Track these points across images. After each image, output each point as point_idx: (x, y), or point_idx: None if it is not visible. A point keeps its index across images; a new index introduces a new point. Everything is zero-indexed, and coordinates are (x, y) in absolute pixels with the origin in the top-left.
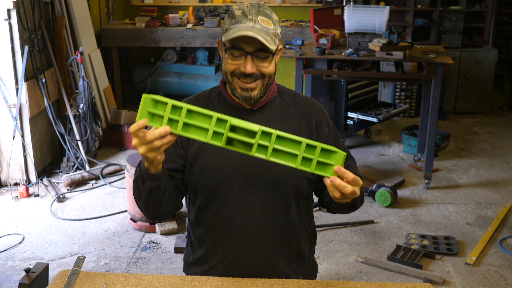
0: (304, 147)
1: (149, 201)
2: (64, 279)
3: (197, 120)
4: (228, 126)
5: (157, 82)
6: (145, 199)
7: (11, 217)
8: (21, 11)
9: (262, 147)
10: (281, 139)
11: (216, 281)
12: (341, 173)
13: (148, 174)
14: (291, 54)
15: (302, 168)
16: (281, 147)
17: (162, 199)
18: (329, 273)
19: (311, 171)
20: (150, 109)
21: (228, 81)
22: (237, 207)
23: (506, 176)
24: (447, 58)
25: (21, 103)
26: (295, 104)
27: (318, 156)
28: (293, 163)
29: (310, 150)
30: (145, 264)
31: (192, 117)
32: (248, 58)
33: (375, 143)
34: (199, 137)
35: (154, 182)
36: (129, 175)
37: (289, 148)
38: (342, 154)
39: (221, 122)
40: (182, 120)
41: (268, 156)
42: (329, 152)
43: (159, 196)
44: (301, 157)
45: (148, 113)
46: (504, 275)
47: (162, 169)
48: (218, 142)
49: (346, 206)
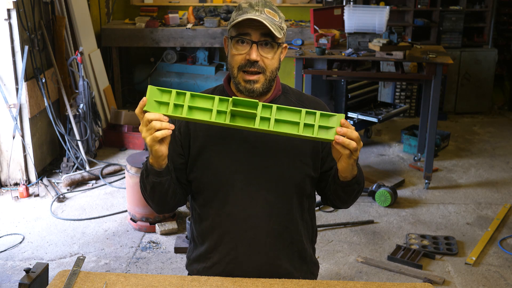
0: (304, 114)
1: (153, 194)
2: (64, 279)
3: (201, 103)
4: (231, 102)
5: (157, 82)
6: (149, 192)
7: (11, 217)
8: (21, 11)
9: (264, 120)
10: (281, 110)
11: (216, 281)
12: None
13: (152, 170)
14: (291, 54)
15: (305, 134)
16: (282, 117)
17: (166, 194)
18: (329, 273)
19: (315, 136)
20: (156, 98)
21: (233, 75)
22: (240, 204)
23: (506, 176)
24: (447, 58)
25: (21, 103)
26: (299, 102)
27: (318, 121)
28: (295, 130)
29: (310, 117)
30: (145, 264)
31: (196, 101)
32: (253, 46)
33: (375, 143)
34: (204, 117)
35: (157, 178)
36: (129, 175)
37: (289, 117)
38: (341, 115)
39: (223, 101)
40: (187, 104)
41: (271, 126)
42: (329, 116)
43: (163, 191)
44: (303, 124)
45: (155, 102)
46: (504, 275)
47: (166, 166)
48: (222, 120)
49: (351, 185)
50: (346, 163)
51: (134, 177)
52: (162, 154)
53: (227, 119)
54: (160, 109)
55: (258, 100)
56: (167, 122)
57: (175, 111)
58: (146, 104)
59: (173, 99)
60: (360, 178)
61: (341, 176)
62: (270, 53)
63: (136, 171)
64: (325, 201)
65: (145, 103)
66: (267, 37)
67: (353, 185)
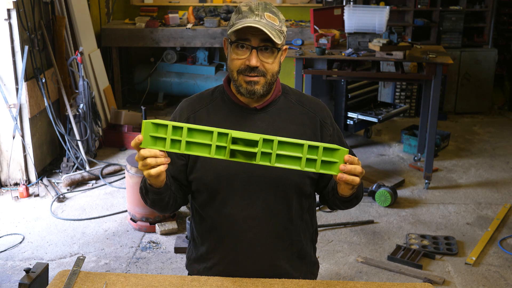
0: (307, 148)
1: (154, 206)
2: (64, 279)
3: (199, 137)
4: (230, 139)
5: (157, 82)
6: (150, 205)
7: (11, 217)
8: (21, 11)
9: (265, 154)
10: (283, 144)
11: (216, 281)
12: (348, 168)
13: (151, 189)
14: (291, 54)
15: (307, 169)
16: (284, 152)
17: (167, 205)
18: (329, 273)
19: (317, 171)
20: (152, 133)
21: (233, 79)
22: (239, 205)
23: (506, 176)
24: (447, 58)
25: (21, 103)
26: (299, 103)
27: (321, 155)
28: (298, 165)
29: (313, 151)
30: (145, 264)
31: (194, 135)
32: (253, 52)
33: (375, 143)
34: (203, 153)
35: (157, 195)
36: (129, 175)
37: (292, 152)
38: (345, 150)
39: (222, 135)
40: (184, 139)
41: (273, 162)
42: (332, 150)
43: (163, 204)
44: (305, 158)
45: (150, 138)
46: (504, 275)
47: (164, 184)
48: (222, 156)
49: (350, 200)
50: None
51: (134, 177)
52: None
53: (226, 155)
54: (157, 144)
55: (258, 100)
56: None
57: (172, 147)
58: (142, 141)
59: (170, 134)
60: (360, 192)
61: (340, 192)
62: (270, 58)
63: (136, 171)
64: (323, 202)
65: (141, 141)
66: (267, 43)
67: (351, 200)
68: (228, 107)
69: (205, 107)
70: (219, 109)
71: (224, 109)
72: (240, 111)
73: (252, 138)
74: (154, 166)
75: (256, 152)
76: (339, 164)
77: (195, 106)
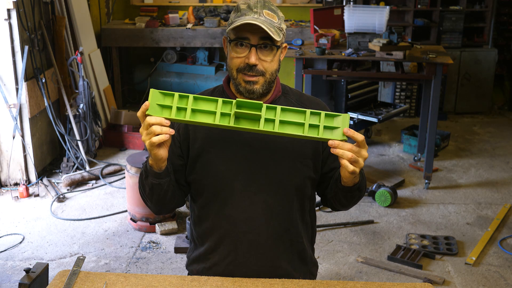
0: (309, 115)
1: (152, 195)
2: (64, 279)
3: (204, 106)
4: (234, 104)
5: (157, 82)
6: (148, 193)
7: (11, 217)
8: (21, 11)
9: (268, 122)
10: (285, 111)
11: (216, 281)
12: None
13: (151, 171)
14: (291, 54)
15: (310, 134)
16: (286, 119)
17: (165, 195)
18: (329, 273)
19: (320, 136)
20: (159, 102)
21: (233, 77)
22: (240, 206)
23: (506, 176)
24: (447, 58)
25: (21, 103)
26: (299, 103)
27: (323, 121)
28: (300, 131)
29: (315, 117)
30: (145, 264)
31: (199, 104)
32: (252, 50)
33: (375, 143)
34: (208, 120)
35: (156, 180)
36: (129, 175)
37: (294, 119)
38: (347, 116)
39: (227, 103)
40: (190, 107)
41: (276, 128)
42: (333, 116)
43: (161, 193)
44: (308, 124)
45: (157, 106)
46: (504, 275)
47: (165, 168)
48: (226, 122)
49: (353, 191)
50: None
51: (134, 177)
52: (161, 157)
53: (231, 121)
54: (163, 112)
55: (258, 100)
56: (168, 126)
57: (178, 115)
58: (149, 108)
59: (176, 102)
60: (362, 185)
61: (343, 181)
62: (269, 56)
63: (136, 171)
64: (324, 202)
65: (148, 107)
66: (266, 40)
67: (354, 191)
68: None
69: None
70: None
71: None
72: None
73: (256, 103)
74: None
75: (260, 115)
76: (341, 129)
77: None
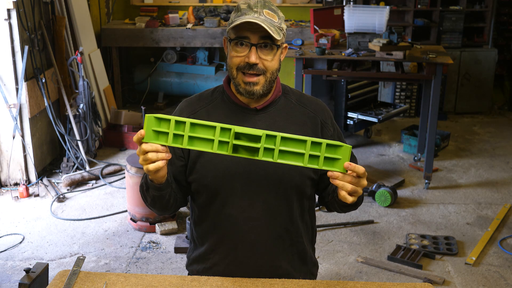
0: (310, 145)
1: (154, 204)
2: (64, 279)
3: (201, 132)
4: (233, 134)
5: (157, 82)
6: (150, 203)
7: (11, 217)
8: (21, 11)
9: (268, 150)
10: (286, 140)
11: (216, 281)
12: (352, 167)
13: (152, 185)
14: (291, 54)
15: (310, 165)
16: (287, 148)
17: (168, 204)
18: (329, 273)
19: (320, 168)
20: (154, 128)
21: (232, 77)
22: (240, 206)
23: (506, 176)
24: (447, 58)
25: (21, 103)
26: (300, 104)
27: (324, 152)
28: (300, 162)
29: (316, 147)
30: (145, 264)
31: (196, 130)
32: (252, 49)
33: (375, 143)
34: (206, 148)
35: (157, 192)
36: (129, 175)
37: (294, 148)
38: (348, 147)
39: (225, 131)
40: (187, 134)
41: (275, 158)
42: (335, 146)
43: (163, 202)
44: (308, 155)
45: (153, 132)
46: (504, 275)
47: (165, 181)
48: (224, 151)
49: (349, 205)
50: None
51: (134, 177)
52: (160, 178)
53: (229, 151)
54: (159, 139)
55: (258, 101)
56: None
57: (175, 141)
58: (144, 136)
59: (172, 129)
60: (359, 200)
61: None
62: (269, 55)
63: (136, 171)
64: (322, 203)
65: (143, 136)
66: (266, 39)
67: (350, 206)
68: (228, 107)
69: (204, 107)
70: (219, 109)
71: (224, 110)
72: (240, 111)
73: (255, 133)
74: (155, 161)
75: (259, 147)
76: (342, 160)
77: (195, 107)
